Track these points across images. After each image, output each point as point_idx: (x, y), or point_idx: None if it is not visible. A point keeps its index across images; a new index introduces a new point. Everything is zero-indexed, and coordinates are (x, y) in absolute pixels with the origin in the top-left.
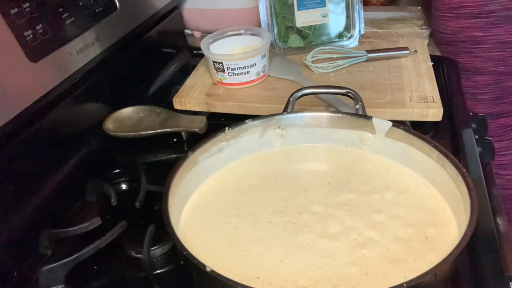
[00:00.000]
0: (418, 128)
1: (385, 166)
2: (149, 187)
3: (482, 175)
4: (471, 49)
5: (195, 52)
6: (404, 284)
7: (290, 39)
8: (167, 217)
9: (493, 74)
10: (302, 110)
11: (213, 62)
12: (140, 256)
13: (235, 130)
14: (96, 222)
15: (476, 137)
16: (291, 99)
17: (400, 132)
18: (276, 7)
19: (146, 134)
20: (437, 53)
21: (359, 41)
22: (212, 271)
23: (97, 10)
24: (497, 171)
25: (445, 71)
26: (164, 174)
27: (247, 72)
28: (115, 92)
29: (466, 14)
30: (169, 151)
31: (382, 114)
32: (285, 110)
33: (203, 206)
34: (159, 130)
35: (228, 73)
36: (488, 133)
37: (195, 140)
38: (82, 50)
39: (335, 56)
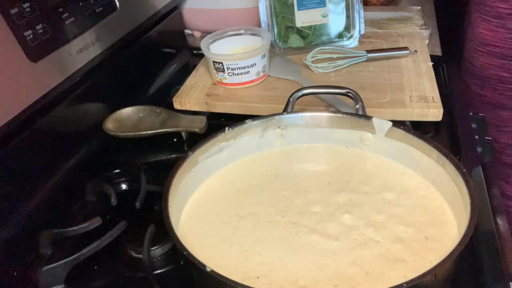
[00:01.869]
0: (418, 128)
1: (385, 166)
2: (149, 187)
3: (482, 175)
4: (497, 87)
5: (195, 52)
6: (404, 284)
7: (290, 39)
8: (167, 217)
9: None
10: (302, 110)
11: (213, 62)
12: (140, 256)
13: (235, 130)
14: (96, 222)
15: (476, 137)
16: (291, 99)
17: (400, 132)
18: (276, 7)
19: (146, 134)
20: (437, 53)
21: (359, 41)
22: (212, 271)
23: (97, 10)
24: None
25: (445, 71)
26: (164, 174)
27: (247, 72)
28: (115, 92)
29: (496, 53)
30: (169, 151)
31: (382, 114)
32: (285, 110)
33: (203, 206)
34: (159, 130)
35: (228, 73)
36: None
37: (195, 140)
38: (82, 50)
39: (335, 56)
